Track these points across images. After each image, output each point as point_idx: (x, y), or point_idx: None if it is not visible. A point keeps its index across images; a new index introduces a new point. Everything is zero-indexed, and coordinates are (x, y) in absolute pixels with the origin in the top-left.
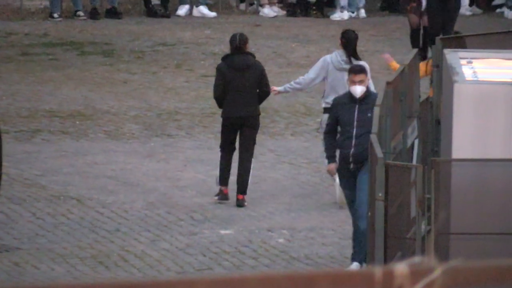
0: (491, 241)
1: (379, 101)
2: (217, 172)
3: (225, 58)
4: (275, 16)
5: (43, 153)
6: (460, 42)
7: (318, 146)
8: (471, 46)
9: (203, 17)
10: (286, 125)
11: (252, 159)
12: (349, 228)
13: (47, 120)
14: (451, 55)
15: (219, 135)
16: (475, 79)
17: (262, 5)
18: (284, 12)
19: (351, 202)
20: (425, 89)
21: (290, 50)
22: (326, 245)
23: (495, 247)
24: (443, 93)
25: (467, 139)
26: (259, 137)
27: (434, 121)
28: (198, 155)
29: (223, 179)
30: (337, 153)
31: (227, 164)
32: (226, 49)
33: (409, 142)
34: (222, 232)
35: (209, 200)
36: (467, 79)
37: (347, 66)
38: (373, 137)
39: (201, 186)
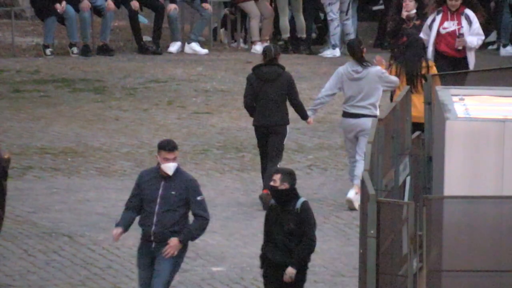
0: (483, 278)
1: (371, 138)
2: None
3: (254, 68)
4: None
5: (34, 190)
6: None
7: (309, 184)
8: (465, 83)
9: (195, 54)
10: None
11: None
12: (341, 265)
13: (39, 157)
14: (443, 92)
15: (210, 172)
16: (467, 116)
17: (253, 42)
18: None
19: (146, 285)
20: None
21: None
22: (318, 282)
23: (487, 284)
24: (435, 130)
25: (459, 176)
26: (250, 174)
27: (426, 158)
28: None
29: (264, 183)
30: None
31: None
32: (218, 86)
33: (401, 179)
34: (214, 269)
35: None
36: (459, 116)
37: (358, 76)
38: (365, 174)
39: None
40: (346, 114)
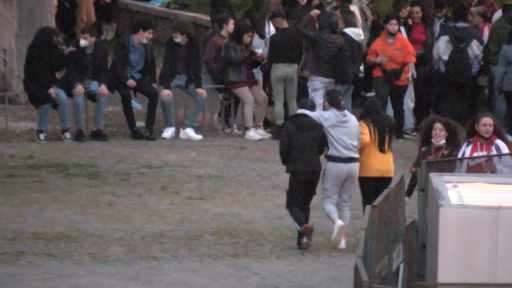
0: None
1: (364, 224)
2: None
3: (291, 117)
4: (260, 139)
5: (27, 275)
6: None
7: (302, 270)
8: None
9: (189, 139)
10: (271, 248)
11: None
12: None
13: (32, 242)
14: (437, 179)
15: (203, 258)
16: (461, 203)
17: (247, 128)
18: (270, 135)
19: None
20: (409, 213)
21: (275, 173)
22: None
23: None
24: (429, 217)
25: (453, 263)
26: (243, 260)
27: (420, 245)
28: (183, 278)
29: (300, 220)
30: None
31: (298, 211)
32: (211, 171)
33: (394, 266)
34: None
35: None
36: (452, 203)
37: (345, 119)
38: (358, 261)
39: None
40: (338, 159)
